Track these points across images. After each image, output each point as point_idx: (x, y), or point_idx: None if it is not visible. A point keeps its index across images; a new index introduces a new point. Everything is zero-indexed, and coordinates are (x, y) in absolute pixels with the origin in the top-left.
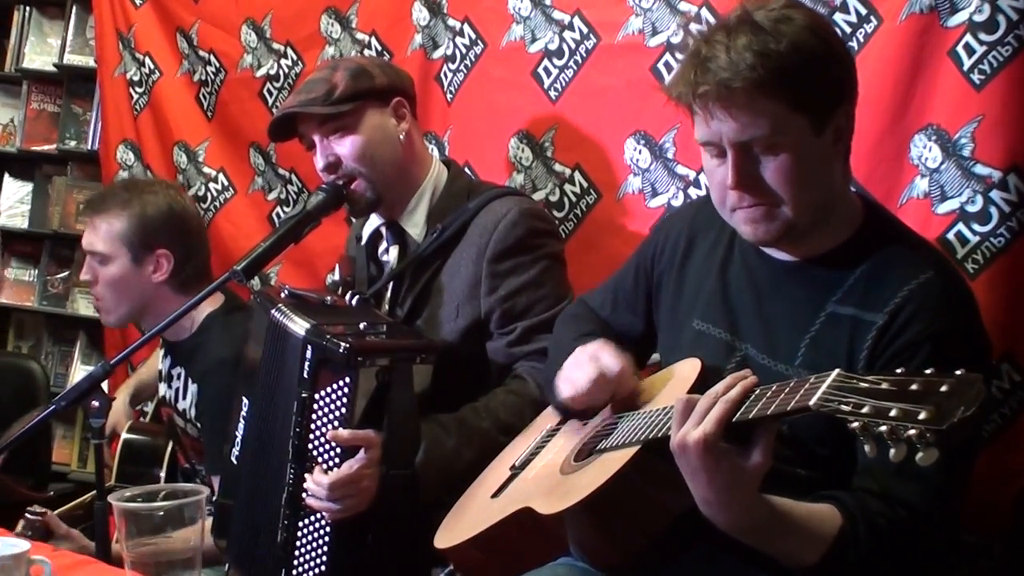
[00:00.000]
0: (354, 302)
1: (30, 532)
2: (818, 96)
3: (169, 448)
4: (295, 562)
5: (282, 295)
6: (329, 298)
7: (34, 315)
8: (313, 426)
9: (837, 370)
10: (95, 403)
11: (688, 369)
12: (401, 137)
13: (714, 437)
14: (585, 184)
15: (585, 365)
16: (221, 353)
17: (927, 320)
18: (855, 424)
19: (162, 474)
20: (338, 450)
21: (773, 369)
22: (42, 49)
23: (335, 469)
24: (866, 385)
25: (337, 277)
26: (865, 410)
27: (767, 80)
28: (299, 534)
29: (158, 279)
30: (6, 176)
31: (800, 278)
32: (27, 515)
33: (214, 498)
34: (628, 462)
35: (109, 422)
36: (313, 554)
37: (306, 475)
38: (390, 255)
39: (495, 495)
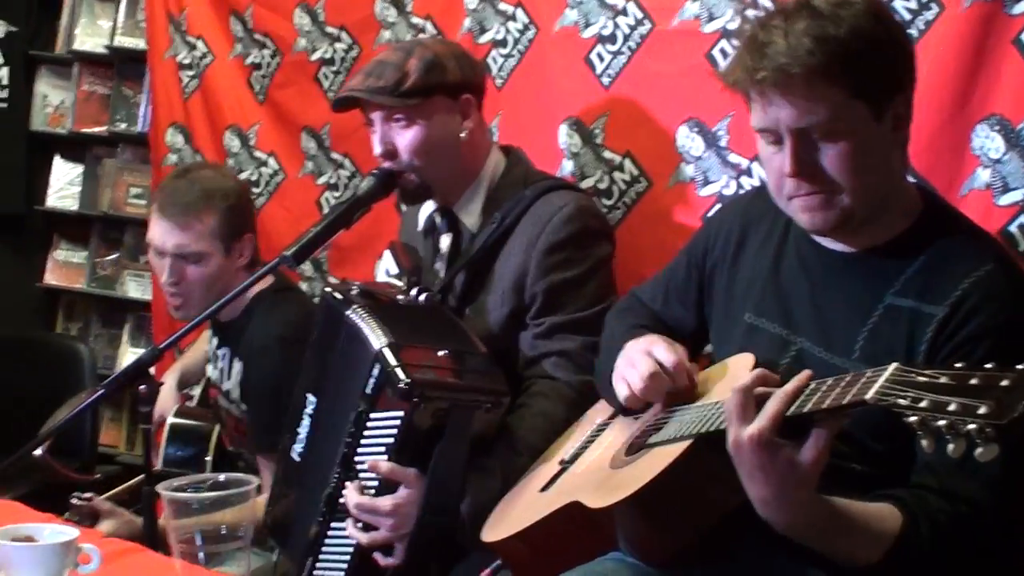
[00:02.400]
0: (421, 298)
1: (77, 518)
2: (878, 83)
3: (216, 432)
4: (321, 556)
5: (353, 292)
6: (401, 297)
7: (83, 297)
8: (363, 441)
9: (895, 364)
10: (143, 388)
11: (742, 364)
12: (463, 135)
13: (769, 432)
14: (635, 172)
15: (639, 361)
16: (268, 331)
17: (989, 313)
18: (913, 419)
19: (209, 459)
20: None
21: (830, 363)
22: (93, 31)
23: (370, 490)
24: (924, 379)
25: (391, 266)
26: (923, 404)
27: (826, 65)
28: (330, 533)
29: (242, 263)
30: (57, 158)
31: (856, 269)
32: (74, 500)
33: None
34: (680, 456)
35: (157, 407)
36: (336, 559)
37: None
38: (442, 244)
39: (544, 489)
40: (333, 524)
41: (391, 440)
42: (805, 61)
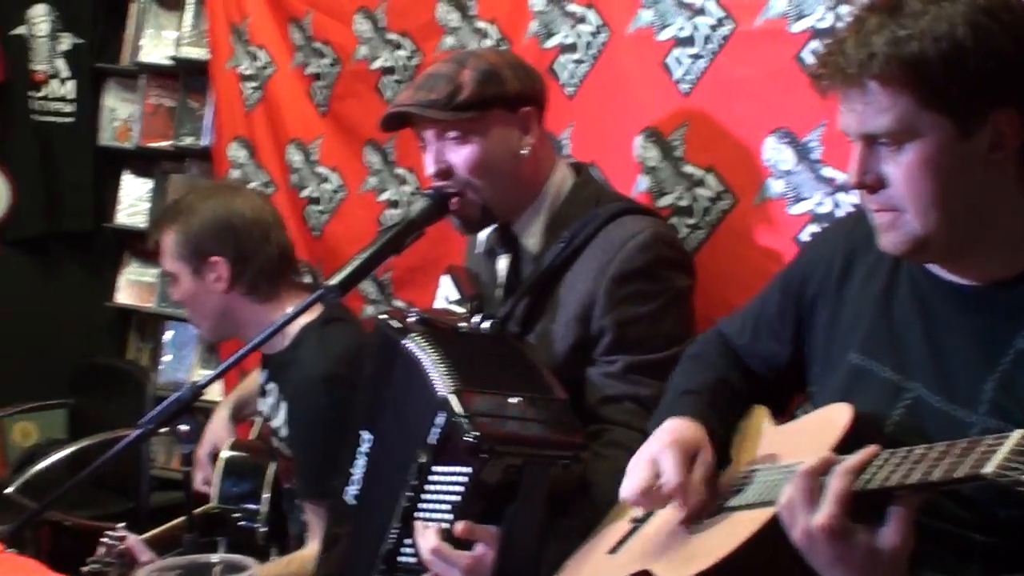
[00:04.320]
0: (485, 326)
1: (109, 560)
2: (963, 95)
3: (273, 468)
4: None
5: (410, 320)
6: (462, 324)
7: (154, 317)
8: (424, 495)
9: (1020, 431)
10: (183, 427)
11: (838, 417)
12: (523, 151)
13: (838, 520)
14: (719, 188)
15: (637, 469)
16: (313, 371)
17: None
18: None
19: (266, 495)
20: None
21: (952, 415)
22: (159, 42)
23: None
24: None
25: (451, 292)
26: None
27: (891, 70)
28: None
29: (221, 287)
30: (127, 173)
31: (982, 306)
32: (105, 538)
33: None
34: (763, 526)
35: (210, 438)
36: None
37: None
38: (499, 265)
39: (613, 551)
40: None
41: (456, 498)
42: (864, 63)
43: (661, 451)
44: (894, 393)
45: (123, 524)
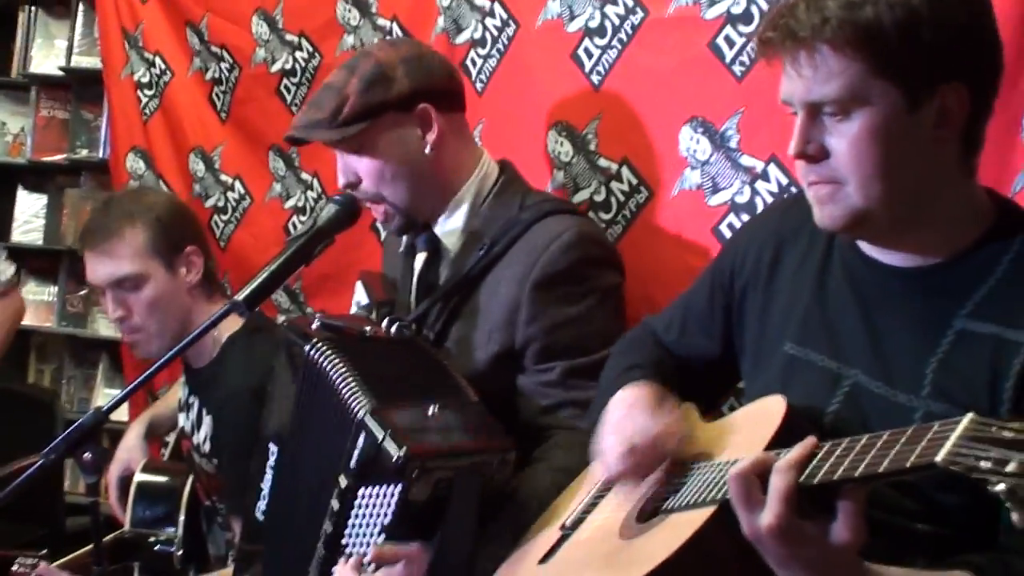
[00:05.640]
0: (393, 330)
1: None
2: (914, 65)
3: (188, 486)
4: None
5: (314, 326)
6: (368, 329)
7: (55, 337)
8: (351, 520)
9: (970, 415)
10: (87, 456)
11: (771, 410)
12: (427, 150)
13: (785, 520)
14: (635, 180)
15: (609, 438)
16: (240, 382)
17: None
18: (999, 487)
19: (181, 517)
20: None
21: (892, 400)
22: (49, 52)
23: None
24: (1010, 435)
25: (363, 297)
26: (1011, 468)
27: (844, 34)
28: None
29: (193, 280)
30: (20, 189)
31: (918, 287)
32: (16, 567)
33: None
34: (703, 526)
35: (122, 457)
36: None
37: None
38: (416, 266)
39: (543, 560)
40: None
41: (386, 520)
42: (818, 26)
43: (627, 414)
44: (832, 382)
45: (43, 551)
